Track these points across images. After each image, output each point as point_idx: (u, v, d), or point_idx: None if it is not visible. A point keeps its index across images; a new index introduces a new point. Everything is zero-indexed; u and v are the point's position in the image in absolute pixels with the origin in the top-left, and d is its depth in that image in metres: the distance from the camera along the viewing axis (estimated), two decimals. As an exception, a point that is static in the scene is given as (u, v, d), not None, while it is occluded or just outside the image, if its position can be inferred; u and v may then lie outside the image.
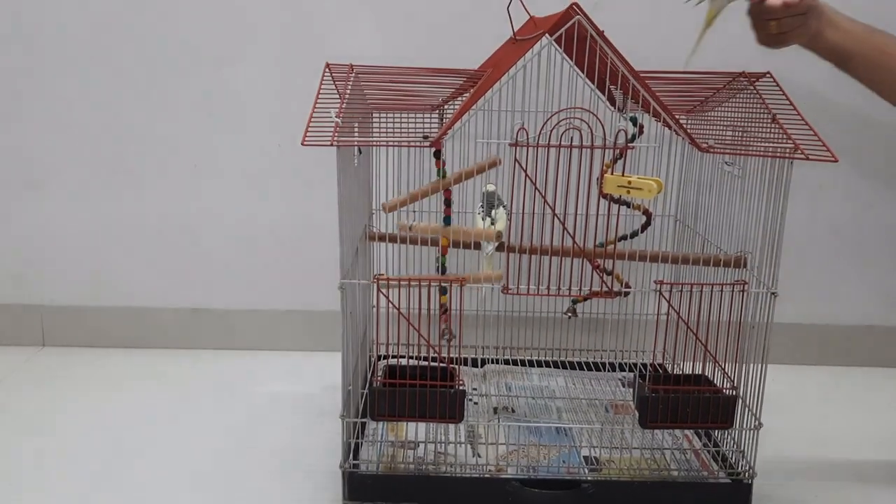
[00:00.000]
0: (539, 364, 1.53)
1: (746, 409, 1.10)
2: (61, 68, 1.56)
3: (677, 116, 1.14)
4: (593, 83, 1.18)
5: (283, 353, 1.68)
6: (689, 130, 1.14)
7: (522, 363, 1.53)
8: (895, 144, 1.59)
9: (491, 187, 1.26)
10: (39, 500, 1.12)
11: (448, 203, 1.21)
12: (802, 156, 0.99)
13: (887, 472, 1.26)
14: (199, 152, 1.61)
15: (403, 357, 1.08)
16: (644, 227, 1.28)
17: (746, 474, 1.10)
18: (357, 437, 1.14)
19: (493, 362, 1.53)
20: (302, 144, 0.94)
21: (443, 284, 1.09)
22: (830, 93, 1.54)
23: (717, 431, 1.21)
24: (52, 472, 1.19)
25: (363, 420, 1.19)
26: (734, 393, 1.08)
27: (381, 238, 1.34)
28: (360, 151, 1.18)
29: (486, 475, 1.11)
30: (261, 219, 1.64)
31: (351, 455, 1.10)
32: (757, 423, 1.09)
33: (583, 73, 1.14)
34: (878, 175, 1.61)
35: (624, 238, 1.28)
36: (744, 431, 1.11)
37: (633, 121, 1.23)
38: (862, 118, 1.57)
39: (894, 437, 1.38)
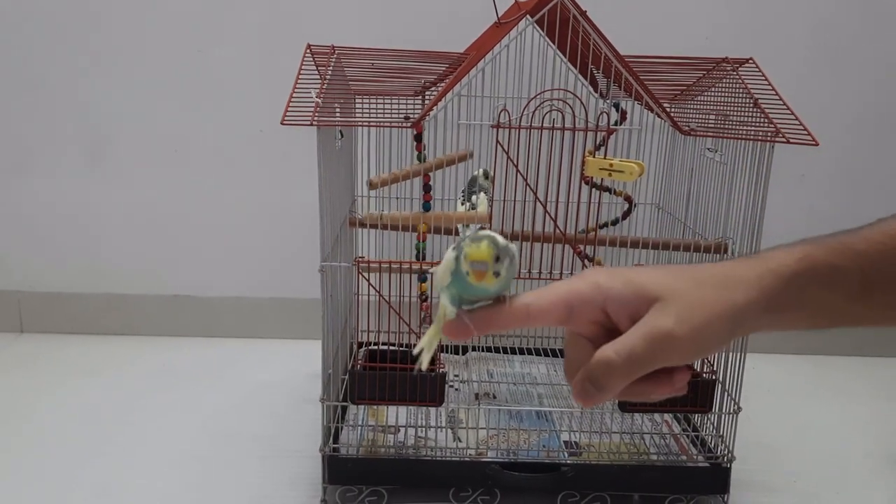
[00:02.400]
0: (521, 351, 1.53)
1: (726, 394, 1.11)
2: (41, 53, 1.54)
3: (661, 103, 1.14)
4: (576, 68, 1.17)
5: (264, 341, 1.67)
6: (672, 116, 1.14)
7: (505, 350, 1.53)
8: (876, 132, 1.60)
9: (477, 172, 1.25)
10: (19, 486, 1.11)
11: (427, 189, 1.20)
12: (783, 139, 0.99)
13: (864, 457, 1.27)
14: (180, 138, 1.59)
15: (385, 344, 1.08)
16: (626, 214, 1.28)
17: (725, 458, 1.10)
18: (338, 422, 1.14)
19: (475, 350, 1.52)
20: (281, 124, 0.93)
21: (424, 269, 1.08)
22: (812, 78, 1.55)
23: (696, 416, 1.21)
24: (30, 459, 1.18)
25: (343, 404, 1.19)
26: (713, 377, 1.08)
27: (363, 224, 1.33)
28: (341, 135, 1.17)
29: (467, 459, 1.11)
30: (243, 206, 1.63)
31: (331, 439, 1.09)
32: (736, 407, 1.09)
33: (566, 58, 1.14)
34: (859, 163, 1.62)
35: (605, 225, 1.27)
36: (723, 416, 1.11)
37: (616, 107, 1.22)
38: (843, 105, 1.57)
39: (871, 425, 1.40)
